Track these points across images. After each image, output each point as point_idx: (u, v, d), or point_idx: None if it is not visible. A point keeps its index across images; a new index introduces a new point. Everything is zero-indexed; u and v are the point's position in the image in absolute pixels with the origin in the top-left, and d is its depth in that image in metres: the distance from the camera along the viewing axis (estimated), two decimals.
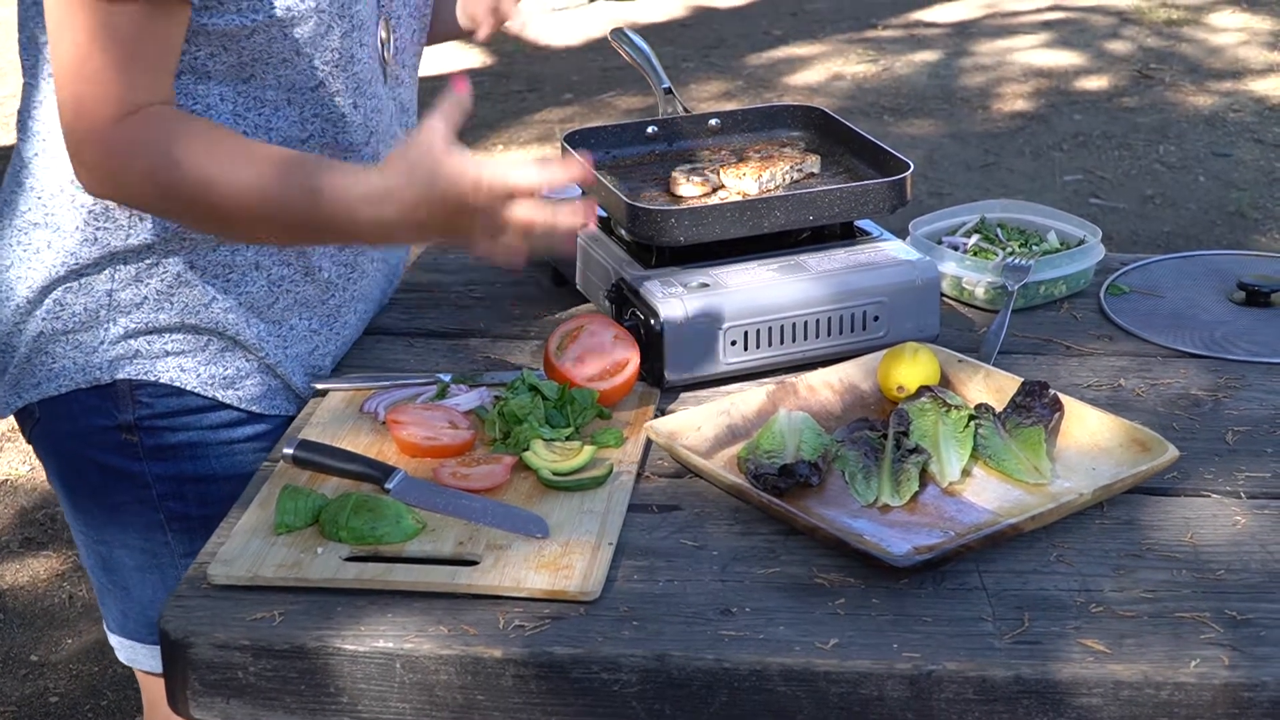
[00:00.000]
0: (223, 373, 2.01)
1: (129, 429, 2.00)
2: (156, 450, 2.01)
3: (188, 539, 2.03)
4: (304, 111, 1.91)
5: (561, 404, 1.94)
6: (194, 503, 2.03)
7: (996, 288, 2.28)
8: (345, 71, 1.91)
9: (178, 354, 1.99)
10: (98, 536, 2.09)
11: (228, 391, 2.02)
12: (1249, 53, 7.44)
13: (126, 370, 1.98)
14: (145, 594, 2.08)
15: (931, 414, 1.89)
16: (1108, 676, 1.52)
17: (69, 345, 1.98)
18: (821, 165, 2.29)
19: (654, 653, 1.55)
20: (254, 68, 1.85)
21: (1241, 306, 2.30)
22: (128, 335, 1.97)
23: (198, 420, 2.02)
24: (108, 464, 2.02)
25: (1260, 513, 1.78)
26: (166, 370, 1.99)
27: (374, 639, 1.58)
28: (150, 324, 1.97)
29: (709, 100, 6.92)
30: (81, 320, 1.97)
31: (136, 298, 1.96)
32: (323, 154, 1.93)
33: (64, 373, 1.99)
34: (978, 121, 6.67)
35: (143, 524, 2.05)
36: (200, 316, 1.98)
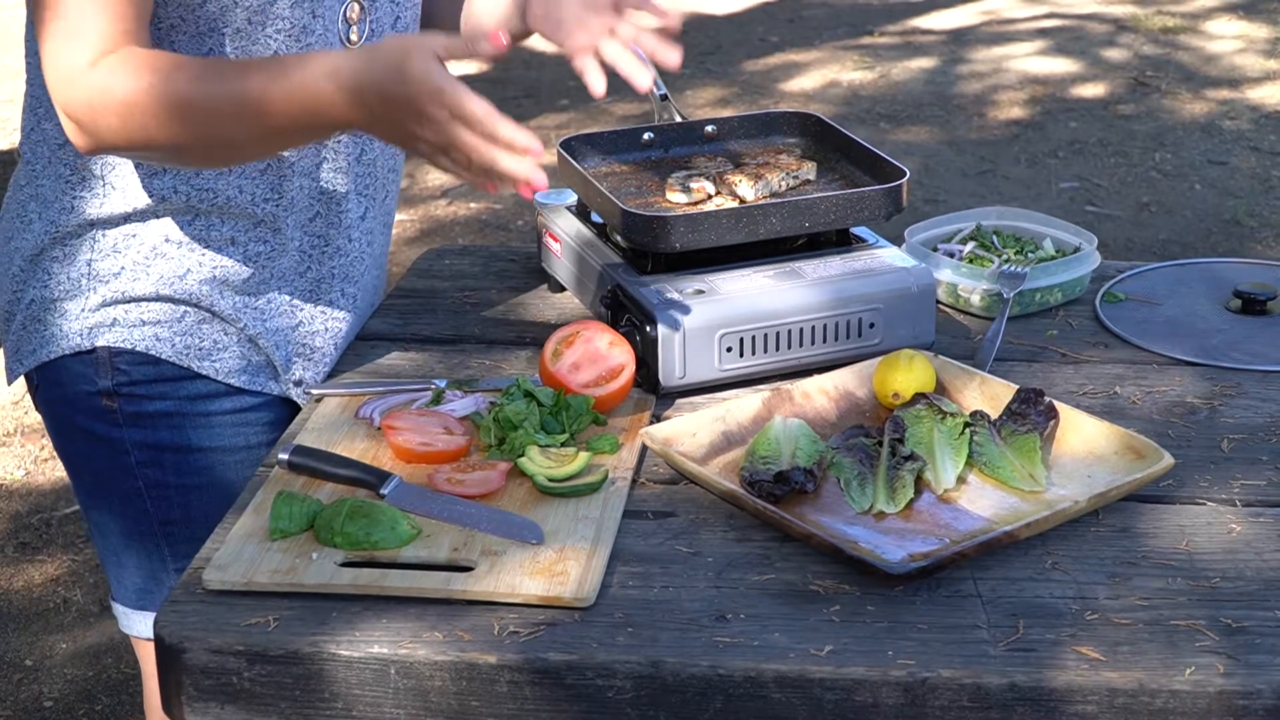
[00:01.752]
0: (199, 344, 2.05)
1: (109, 395, 2.05)
2: (135, 417, 2.06)
3: (165, 507, 2.08)
4: None
5: (557, 410, 1.94)
6: (171, 471, 2.07)
7: (992, 295, 2.28)
8: (299, 42, 1.96)
9: (154, 323, 2.04)
10: (89, 503, 2.16)
11: (204, 363, 2.06)
12: (1245, 60, 7.45)
13: (105, 337, 2.03)
14: (131, 560, 2.13)
15: (927, 421, 1.89)
16: (1103, 684, 1.52)
17: (56, 313, 2.04)
18: (817, 172, 2.29)
19: (649, 659, 1.55)
20: (212, 39, 1.91)
21: (1237, 314, 2.30)
22: (106, 304, 2.02)
23: (175, 389, 2.06)
24: (92, 430, 2.08)
25: (1255, 520, 1.78)
26: (143, 339, 2.03)
27: (369, 644, 1.58)
28: (127, 293, 2.02)
29: (705, 107, 6.92)
30: (66, 289, 2.03)
31: (114, 268, 2.02)
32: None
33: (52, 339, 2.05)
34: (974, 129, 6.67)
35: (123, 491, 2.09)
36: (175, 288, 2.02)
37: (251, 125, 1.83)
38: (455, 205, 5.96)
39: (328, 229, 2.10)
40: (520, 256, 2.52)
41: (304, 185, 2.05)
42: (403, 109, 1.77)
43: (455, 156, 1.78)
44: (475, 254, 2.56)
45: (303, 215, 2.06)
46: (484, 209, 5.92)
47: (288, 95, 1.80)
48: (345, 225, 2.11)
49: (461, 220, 5.83)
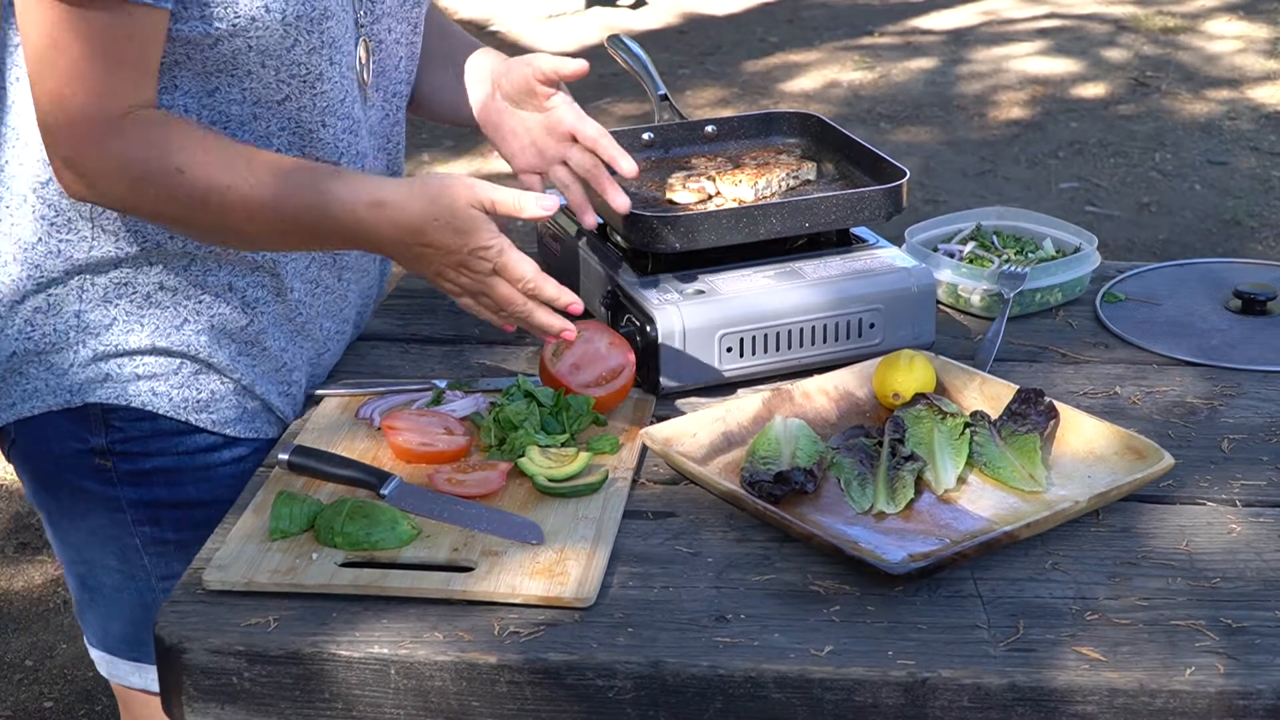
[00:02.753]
0: (196, 396, 1.97)
1: (102, 453, 1.96)
2: (131, 475, 1.97)
3: (164, 562, 2.00)
4: (270, 126, 1.88)
5: (557, 410, 1.94)
6: (170, 527, 2.00)
7: (992, 295, 2.28)
8: (313, 88, 1.89)
9: (149, 378, 1.94)
10: (76, 556, 2.05)
11: (201, 415, 1.97)
12: (1246, 61, 7.45)
13: (98, 394, 1.94)
14: (124, 612, 2.04)
15: (927, 421, 1.89)
16: (1103, 684, 1.52)
17: (41, 366, 1.94)
18: (817, 172, 2.29)
19: (649, 659, 1.55)
20: (219, 79, 1.84)
21: (1237, 314, 2.30)
22: (98, 358, 1.93)
23: (173, 445, 1.98)
24: (82, 487, 1.99)
25: (1256, 521, 1.78)
26: (138, 395, 1.94)
27: (369, 645, 1.58)
28: (120, 346, 1.93)
29: (705, 107, 6.92)
30: (52, 341, 1.93)
31: (105, 319, 1.92)
32: None
33: (36, 394, 1.95)
34: (974, 129, 6.67)
35: (119, 547, 2.01)
36: (172, 339, 1.94)
37: (278, 231, 1.83)
38: None
39: (321, 271, 2.03)
40: None
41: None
42: (446, 256, 1.82)
43: (485, 302, 1.87)
44: None
45: (301, 260, 2.00)
46: None
47: (325, 213, 1.80)
48: (339, 265, 2.06)
49: None
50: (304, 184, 1.80)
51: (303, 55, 1.85)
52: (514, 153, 2.10)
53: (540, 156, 2.09)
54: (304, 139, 1.92)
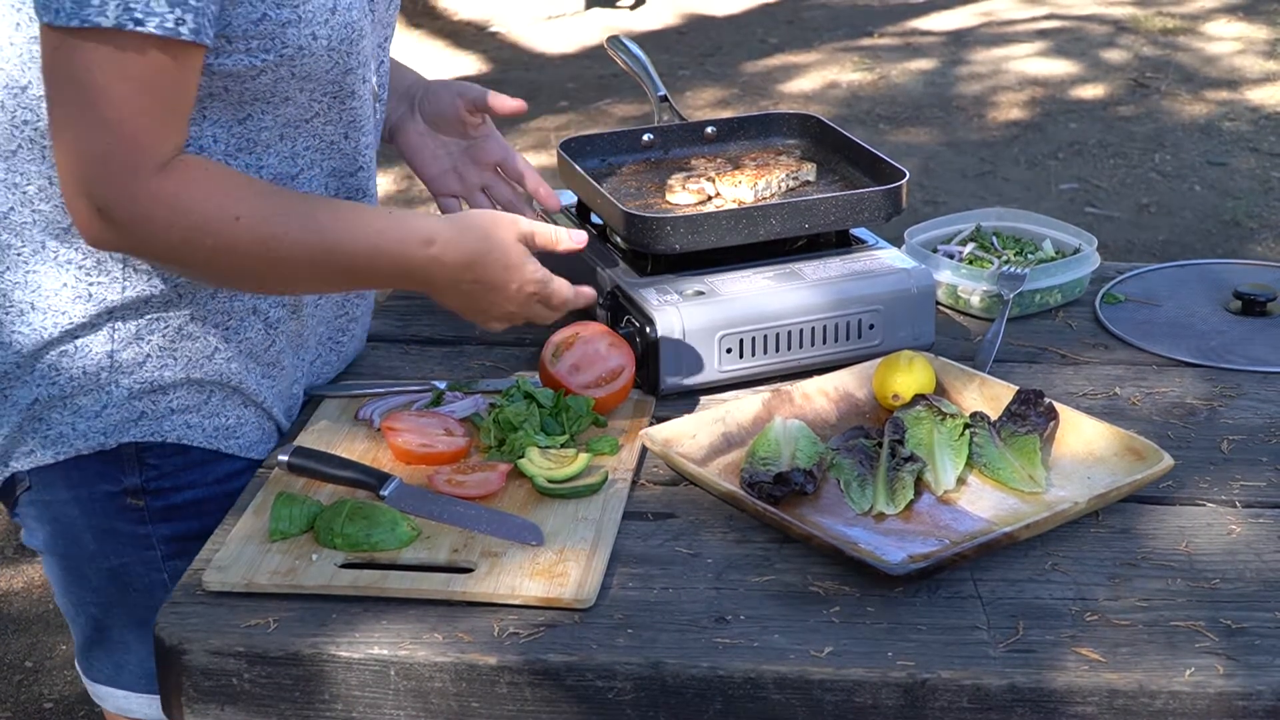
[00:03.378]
0: (224, 423, 1.95)
1: (135, 493, 1.93)
2: (163, 511, 1.94)
3: None
4: (296, 145, 1.88)
5: (557, 411, 1.94)
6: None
7: (992, 296, 2.28)
8: (342, 105, 1.89)
9: (183, 411, 1.92)
10: (93, 599, 2.00)
11: (230, 442, 1.96)
12: (1245, 62, 7.45)
13: (132, 433, 1.90)
14: (144, 649, 1.98)
15: (927, 422, 1.89)
16: (1102, 685, 1.52)
17: (67, 411, 1.89)
18: (817, 173, 2.29)
19: (649, 660, 1.55)
20: (253, 107, 1.81)
21: (1237, 315, 2.30)
22: (133, 396, 1.89)
23: (202, 476, 1.95)
24: (110, 529, 1.94)
25: (1255, 522, 1.78)
26: (174, 429, 1.91)
27: (369, 646, 1.58)
28: (155, 382, 1.89)
29: (705, 108, 6.92)
30: (80, 384, 1.88)
31: (139, 356, 1.88)
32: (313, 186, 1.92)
33: (62, 439, 1.89)
34: (973, 130, 6.67)
35: (145, 584, 1.96)
36: (204, 370, 1.91)
37: (330, 275, 1.83)
38: None
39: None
40: None
41: None
42: (495, 292, 1.88)
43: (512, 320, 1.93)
44: None
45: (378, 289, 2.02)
46: None
47: (379, 254, 1.81)
48: None
49: None
50: (357, 226, 1.80)
51: (338, 75, 1.85)
52: (433, 176, 2.17)
53: (461, 182, 2.18)
54: (326, 153, 1.92)
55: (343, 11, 1.81)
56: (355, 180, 1.98)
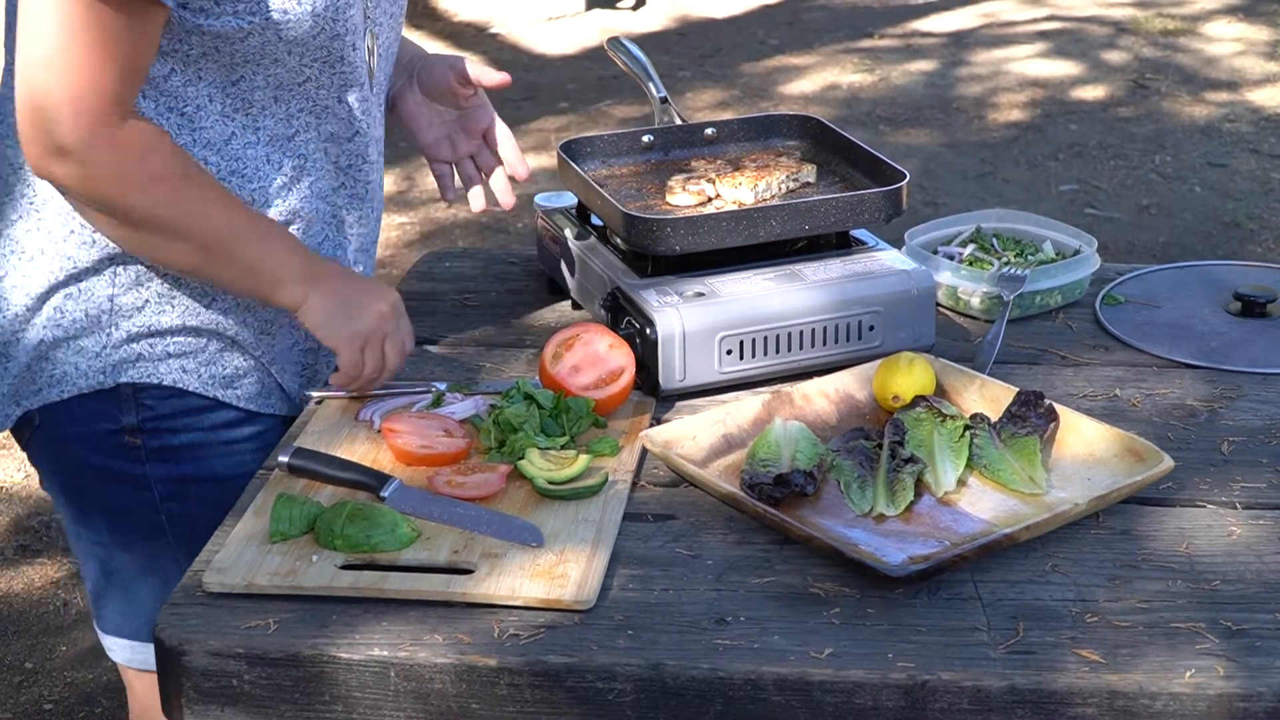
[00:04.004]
0: (222, 372, 2.04)
1: (132, 432, 2.02)
2: (159, 452, 2.03)
3: (188, 540, 2.00)
4: (290, 108, 1.96)
5: (557, 413, 1.94)
6: (194, 503, 2.04)
7: (992, 297, 2.28)
8: (334, 69, 1.96)
9: (179, 355, 2.01)
10: (97, 540, 2.10)
11: (227, 391, 2.05)
12: (1245, 63, 7.45)
13: (129, 374, 1.99)
14: (145, 594, 2.09)
15: (927, 424, 1.89)
16: (1103, 686, 1.52)
17: (71, 351, 1.98)
18: (817, 175, 2.29)
19: (649, 662, 1.55)
20: (245, 69, 1.89)
21: (1237, 317, 2.30)
22: (130, 339, 1.99)
23: (199, 421, 2.04)
24: (110, 468, 2.04)
25: (1255, 523, 1.78)
26: (169, 372, 2.01)
27: (369, 647, 1.58)
28: (152, 327, 1.99)
29: (705, 109, 6.92)
30: (83, 326, 1.98)
31: (138, 301, 1.98)
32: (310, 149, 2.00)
33: (65, 379, 1.99)
34: (973, 131, 6.67)
35: (144, 526, 2.06)
36: (201, 318, 2.00)
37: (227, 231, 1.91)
38: (455, 208, 5.96)
39: (333, 250, 2.08)
40: (520, 259, 2.53)
41: (318, 208, 2.04)
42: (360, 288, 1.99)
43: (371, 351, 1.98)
44: (475, 257, 2.57)
45: (315, 239, 2.05)
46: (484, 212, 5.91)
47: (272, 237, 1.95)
48: (343, 239, 2.10)
49: (461, 223, 5.83)
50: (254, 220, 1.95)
51: (326, 41, 1.92)
52: (428, 143, 2.25)
53: (453, 150, 2.26)
54: (319, 117, 2.00)
55: None
56: (354, 146, 2.05)
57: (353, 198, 2.08)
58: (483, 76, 2.18)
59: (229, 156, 1.94)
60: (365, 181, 2.09)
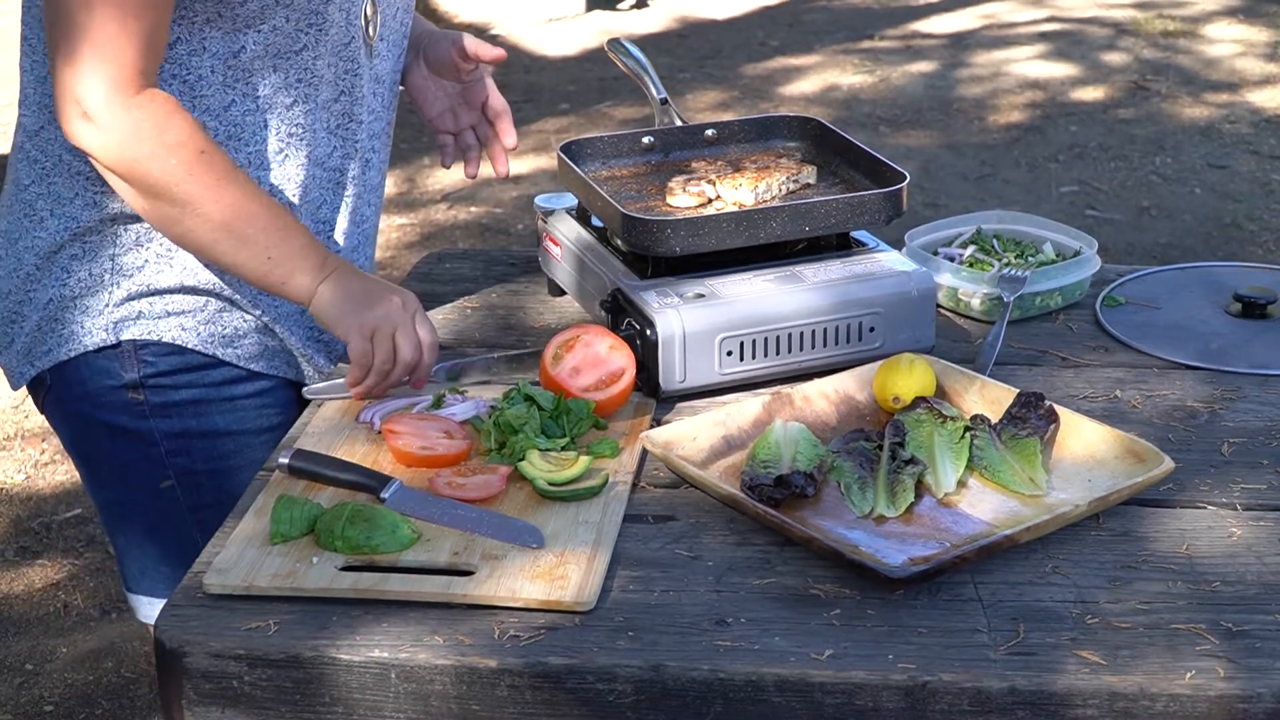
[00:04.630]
0: (221, 331, 2.11)
1: (135, 388, 2.09)
2: (162, 408, 2.10)
3: (196, 493, 2.13)
4: (288, 77, 2.01)
5: (557, 414, 1.94)
6: (200, 458, 2.13)
7: (992, 299, 2.28)
8: (326, 34, 2.02)
9: (178, 314, 2.08)
10: (112, 497, 2.19)
11: (227, 349, 2.11)
12: (1245, 64, 7.45)
13: (131, 331, 2.07)
14: (158, 551, 2.17)
15: (927, 425, 1.89)
16: (1103, 688, 1.52)
17: (77, 310, 2.07)
18: (818, 176, 2.29)
19: (649, 663, 1.55)
20: (245, 37, 1.96)
21: (1237, 318, 2.30)
22: (130, 298, 2.06)
23: (200, 378, 2.11)
24: (116, 424, 2.11)
25: (1256, 524, 1.78)
26: (169, 330, 2.08)
27: (369, 649, 1.58)
28: (152, 286, 2.06)
29: (705, 111, 6.92)
30: (87, 285, 2.06)
31: (138, 261, 2.05)
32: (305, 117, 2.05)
33: (72, 337, 2.08)
34: (974, 132, 6.67)
35: (153, 480, 2.13)
36: (198, 278, 2.07)
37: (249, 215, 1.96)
38: (456, 209, 5.96)
39: (332, 214, 2.14)
40: (520, 260, 2.53)
41: (315, 174, 2.09)
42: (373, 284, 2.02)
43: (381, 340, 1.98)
44: (476, 258, 2.57)
45: (313, 203, 2.11)
46: (484, 213, 5.92)
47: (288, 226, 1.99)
48: (346, 210, 2.16)
49: (462, 224, 5.83)
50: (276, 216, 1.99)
51: (320, 5, 1.99)
52: (433, 116, 2.34)
53: (455, 122, 2.35)
54: (315, 85, 2.05)
55: None
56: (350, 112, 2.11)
57: (347, 159, 2.13)
58: (481, 51, 2.25)
59: (227, 122, 2.01)
60: (364, 149, 2.15)
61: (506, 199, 6.01)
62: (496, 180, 6.11)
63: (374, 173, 2.19)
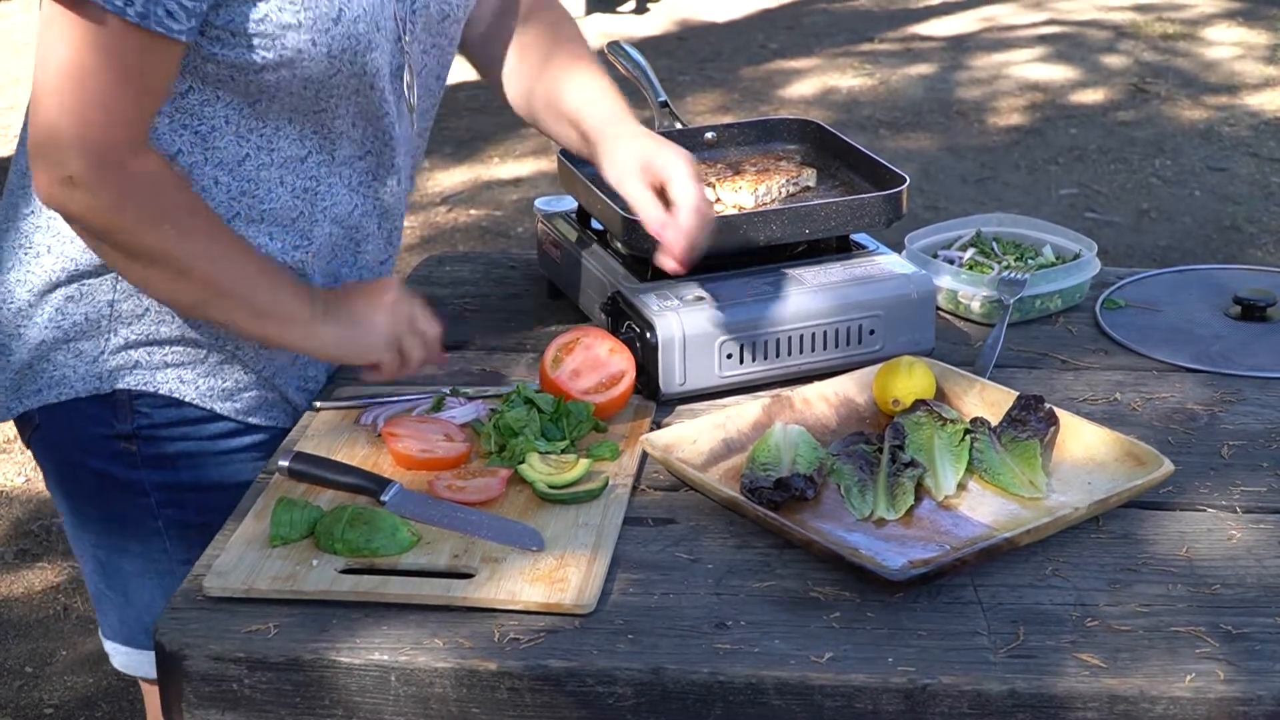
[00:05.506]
0: (221, 385, 2.02)
1: (127, 438, 2.00)
2: (154, 459, 2.02)
3: (185, 546, 2.02)
4: (303, 129, 1.91)
5: (557, 417, 1.94)
6: (192, 510, 2.03)
7: (992, 301, 2.28)
8: (353, 103, 1.92)
9: (177, 365, 1.99)
10: (96, 542, 2.09)
11: (226, 404, 2.03)
12: (1245, 67, 7.46)
13: (126, 380, 1.98)
14: (143, 600, 2.08)
15: (927, 428, 1.89)
16: (1103, 691, 1.52)
17: (70, 354, 1.97)
18: (817, 179, 2.29)
19: (649, 666, 1.55)
20: (260, 95, 1.86)
21: (1237, 321, 2.30)
22: (128, 346, 1.97)
23: (196, 431, 2.02)
24: (106, 472, 2.02)
25: (1256, 527, 1.78)
26: (166, 381, 1.99)
27: (369, 651, 1.58)
28: (151, 335, 1.97)
29: (705, 114, 6.92)
30: (83, 329, 1.96)
31: (138, 309, 1.96)
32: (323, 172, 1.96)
33: (64, 381, 1.98)
34: (973, 135, 6.68)
35: (141, 531, 2.05)
36: (202, 329, 1.98)
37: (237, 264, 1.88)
38: (455, 212, 5.96)
39: (341, 268, 2.06)
40: (520, 263, 2.53)
41: (332, 232, 2.00)
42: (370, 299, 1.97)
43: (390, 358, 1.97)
44: (476, 261, 2.57)
45: (324, 260, 2.02)
46: (484, 215, 5.92)
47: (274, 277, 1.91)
48: (360, 265, 2.08)
49: (462, 227, 5.83)
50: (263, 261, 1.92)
51: (344, 80, 1.88)
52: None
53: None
54: (337, 141, 1.96)
55: (348, 23, 1.83)
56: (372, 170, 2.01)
57: (366, 217, 2.04)
58: (670, 247, 1.93)
59: (241, 177, 1.91)
60: (382, 205, 2.06)
61: (506, 202, 6.01)
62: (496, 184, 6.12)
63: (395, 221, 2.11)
